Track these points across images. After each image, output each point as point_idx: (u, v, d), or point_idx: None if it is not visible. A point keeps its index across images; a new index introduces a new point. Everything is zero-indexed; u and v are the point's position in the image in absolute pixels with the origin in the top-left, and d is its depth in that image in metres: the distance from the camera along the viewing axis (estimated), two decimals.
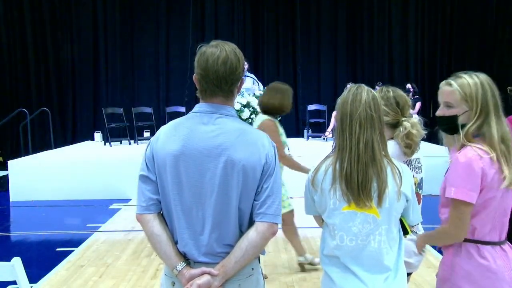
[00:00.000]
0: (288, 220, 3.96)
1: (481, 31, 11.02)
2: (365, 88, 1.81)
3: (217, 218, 1.70)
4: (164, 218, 1.80)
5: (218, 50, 1.71)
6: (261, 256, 4.57)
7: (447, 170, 1.89)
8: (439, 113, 1.90)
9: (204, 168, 1.70)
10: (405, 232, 1.81)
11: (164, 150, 1.73)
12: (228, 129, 1.72)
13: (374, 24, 11.34)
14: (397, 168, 1.75)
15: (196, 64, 1.75)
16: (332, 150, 1.82)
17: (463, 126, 1.84)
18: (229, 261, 1.71)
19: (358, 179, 1.71)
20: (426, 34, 11.35)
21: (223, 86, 1.72)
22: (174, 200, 1.73)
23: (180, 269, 1.73)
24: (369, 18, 11.34)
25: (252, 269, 1.79)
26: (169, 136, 1.75)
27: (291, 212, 4.00)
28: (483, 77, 1.85)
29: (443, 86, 1.90)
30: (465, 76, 1.86)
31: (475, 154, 1.77)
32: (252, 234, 1.70)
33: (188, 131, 1.73)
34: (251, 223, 1.74)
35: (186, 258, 1.76)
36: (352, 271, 1.76)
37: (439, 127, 1.95)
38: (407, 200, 1.77)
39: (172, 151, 1.71)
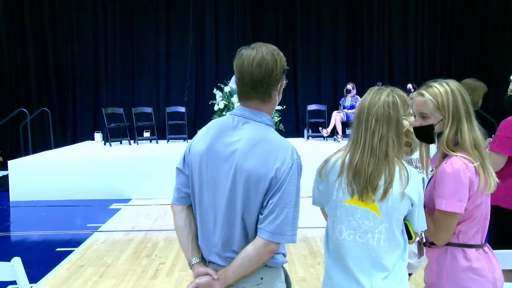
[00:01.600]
0: None
1: (481, 31, 11.02)
2: (387, 90, 1.81)
3: (225, 222, 1.71)
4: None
5: (254, 52, 1.69)
6: None
7: (429, 181, 1.91)
8: (415, 124, 1.92)
9: (220, 171, 1.71)
10: (409, 237, 1.81)
11: (196, 147, 1.78)
12: (249, 136, 1.69)
13: (374, 24, 11.33)
14: (406, 170, 1.75)
15: (234, 67, 1.74)
16: (346, 145, 1.83)
17: (439, 134, 1.87)
18: (229, 269, 1.72)
19: (368, 171, 1.71)
20: (426, 34, 11.34)
21: (258, 89, 1.70)
22: (196, 197, 1.78)
23: (193, 263, 1.78)
24: (369, 18, 11.33)
25: (261, 278, 1.75)
26: (203, 135, 1.79)
27: None
28: (453, 84, 1.87)
29: (416, 97, 1.92)
30: (436, 85, 1.88)
31: (462, 163, 1.79)
32: (249, 248, 1.69)
33: (216, 132, 1.75)
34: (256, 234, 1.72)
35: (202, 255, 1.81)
36: (350, 269, 1.76)
37: (417, 138, 1.98)
38: (412, 204, 1.75)
39: (200, 150, 1.76)
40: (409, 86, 9.97)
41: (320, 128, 10.19)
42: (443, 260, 1.87)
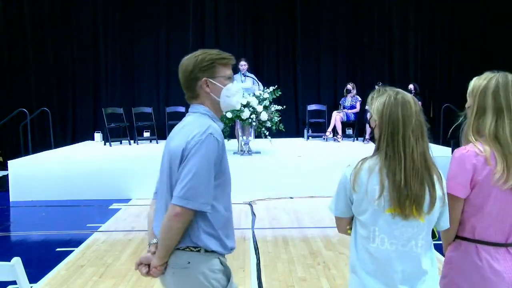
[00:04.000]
0: None
1: (481, 31, 11.01)
2: (404, 93, 1.76)
3: (165, 202, 1.90)
4: None
5: (183, 59, 1.99)
6: (261, 255, 4.58)
7: None
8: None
9: (163, 159, 1.97)
10: (433, 236, 1.80)
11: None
12: (182, 124, 1.95)
13: (374, 24, 11.33)
14: (439, 172, 1.74)
15: None
16: (373, 154, 1.76)
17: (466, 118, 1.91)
18: (158, 242, 1.88)
19: (417, 193, 1.66)
20: (426, 34, 11.33)
21: (184, 89, 2.00)
22: (158, 187, 2.02)
23: (150, 244, 1.98)
24: (369, 19, 11.33)
25: (188, 262, 1.84)
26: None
27: None
28: (498, 77, 1.86)
29: None
30: (486, 73, 1.90)
31: (472, 150, 1.81)
32: (164, 216, 1.86)
33: (173, 130, 2.01)
34: None
35: None
36: (391, 281, 1.72)
37: None
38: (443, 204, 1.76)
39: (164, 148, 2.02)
40: (411, 86, 9.98)
41: (323, 135, 10.15)
42: (456, 254, 1.88)
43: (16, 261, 1.95)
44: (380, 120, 1.74)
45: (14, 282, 1.95)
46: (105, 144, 9.67)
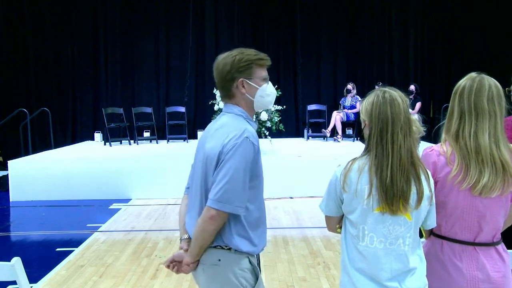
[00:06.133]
0: None
1: (482, 31, 11.01)
2: (391, 91, 1.78)
3: (199, 202, 1.92)
4: None
5: (218, 58, 1.96)
6: (261, 255, 4.57)
7: None
8: None
9: (198, 158, 1.98)
10: (420, 235, 1.82)
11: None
12: (218, 124, 1.95)
13: (374, 24, 11.33)
14: (427, 171, 1.76)
15: None
16: (363, 154, 1.78)
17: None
18: (191, 240, 1.92)
19: (403, 188, 1.69)
20: (426, 34, 11.33)
21: (219, 88, 1.99)
22: (190, 185, 2.04)
23: (181, 239, 2.01)
24: (369, 18, 11.32)
25: (219, 260, 1.88)
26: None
27: None
28: (468, 80, 1.89)
29: None
30: (468, 74, 1.92)
31: (436, 150, 1.88)
32: (199, 218, 1.88)
33: (206, 128, 2.03)
34: None
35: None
36: (379, 278, 1.74)
37: None
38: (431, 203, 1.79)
39: (197, 145, 2.04)
40: (412, 87, 9.97)
41: (322, 130, 10.19)
42: (426, 247, 1.95)
43: (16, 261, 1.95)
44: (370, 120, 1.77)
45: (14, 282, 1.95)
46: (105, 144, 9.67)
